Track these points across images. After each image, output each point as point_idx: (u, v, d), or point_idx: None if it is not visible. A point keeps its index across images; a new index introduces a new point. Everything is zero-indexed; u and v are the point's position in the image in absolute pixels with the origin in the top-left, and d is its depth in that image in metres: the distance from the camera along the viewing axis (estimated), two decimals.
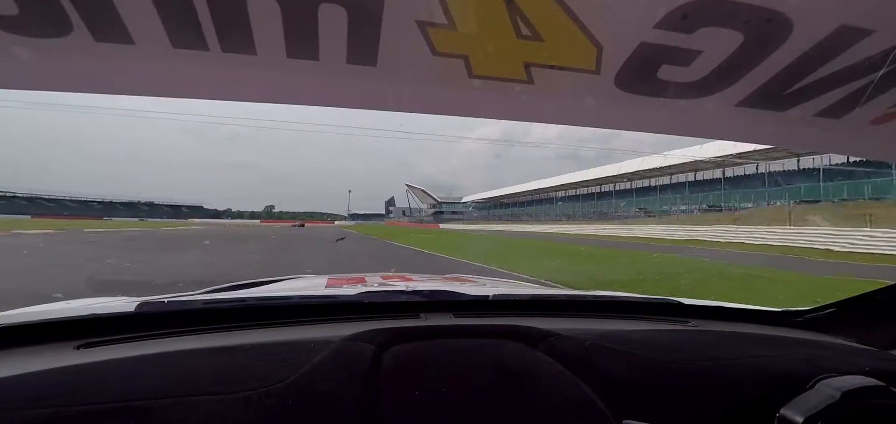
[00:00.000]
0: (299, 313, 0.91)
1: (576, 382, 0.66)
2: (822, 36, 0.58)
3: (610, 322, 1.03)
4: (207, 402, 0.53)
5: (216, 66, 0.62)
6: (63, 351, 0.68)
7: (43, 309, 0.82)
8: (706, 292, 6.54)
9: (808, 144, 0.91)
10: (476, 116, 0.79)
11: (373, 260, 11.72)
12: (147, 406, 0.52)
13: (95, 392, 0.53)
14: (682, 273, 9.22)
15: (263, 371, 0.60)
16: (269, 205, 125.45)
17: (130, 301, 0.82)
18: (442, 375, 0.66)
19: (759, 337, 0.95)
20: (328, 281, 1.52)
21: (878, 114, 0.73)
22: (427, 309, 0.97)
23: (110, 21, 0.52)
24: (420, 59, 0.62)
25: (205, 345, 0.71)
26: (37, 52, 0.55)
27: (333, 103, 0.73)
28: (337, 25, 0.57)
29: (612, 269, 10.58)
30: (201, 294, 1.08)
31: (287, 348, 0.69)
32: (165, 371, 0.60)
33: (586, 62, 0.64)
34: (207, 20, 0.54)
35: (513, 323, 0.85)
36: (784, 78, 0.66)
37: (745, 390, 0.68)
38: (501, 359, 0.71)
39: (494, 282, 1.71)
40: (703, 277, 8.69)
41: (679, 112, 0.77)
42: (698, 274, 9.05)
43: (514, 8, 0.56)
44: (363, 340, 0.71)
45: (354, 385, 0.60)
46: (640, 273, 9.53)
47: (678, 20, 0.57)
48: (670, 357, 0.75)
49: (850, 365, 0.70)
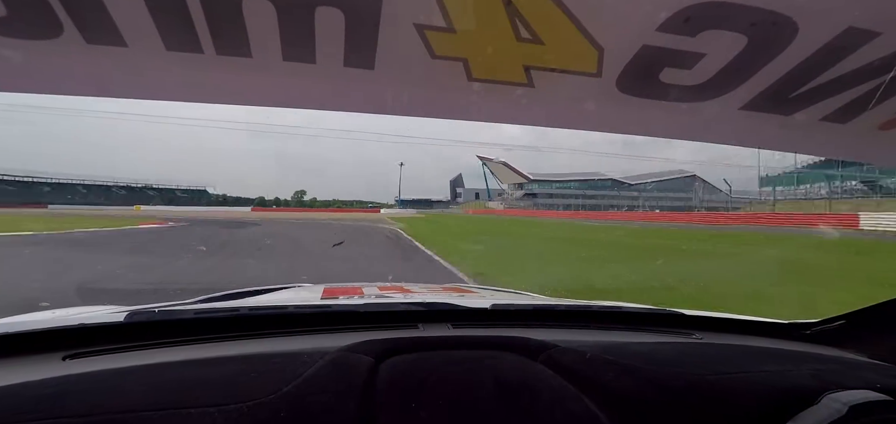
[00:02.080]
0: (294, 323, 0.89)
1: (577, 395, 0.64)
2: (829, 38, 0.57)
3: (611, 333, 1.01)
4: (198, 415, 0.52)
5: (211, 69, 0.61)
6: (49, 362, 0.66)
7: (29, 318, 0.81)
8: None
9: (814, 149, 0.90)
10: (475, 120, 0.79)
11: None
12: (136, 418, 0.50)
13: (82, 405, 0.52)
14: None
15: (256, 383, 0.58)
16: (300, 191, 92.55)
17: (119, 310, 0.81)
18: (440, 387, 0.64)
19: (766, 351, 0.93)
20: (324, 290, 1.50)
21: (886, 118, 0.71)
22: (425, 320, 0.96)
23: (102, 22, 0.51)
24: (419, 62, 0.61)
25: (196, 356, 0.69)
26: (26, 54, 0.55)
27: (331, 107, 0.73)
28: (334, 28, 0.56)
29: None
30: (193, 303, 1.06)
31: (281, 359, 0.67)
32: (155, 383, 0.58)
33: (587, 65, 0.63)
34: (202, 22, 0.53)
35: (512, 335, 0.83)
36: (789, 81, 0.65)
37: (750, 405, 0.66)
38: (500, 371, 0.69)
39: (493, 293, 1.69)
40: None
41: (682, 115, 0.76)
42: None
43: (514, 10, 0.55)
44: (359, 351, 0.70)
45: (350, 397, 0.58)
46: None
47: (681, 23, 0.56)
48: (674, 371, 0.73)
49: (858, 380, 0.68)
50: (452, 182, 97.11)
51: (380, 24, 0.55)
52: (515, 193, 78.91)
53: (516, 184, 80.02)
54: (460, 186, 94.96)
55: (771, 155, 33.84)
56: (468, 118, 0.78)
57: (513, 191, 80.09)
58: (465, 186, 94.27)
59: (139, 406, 0.52)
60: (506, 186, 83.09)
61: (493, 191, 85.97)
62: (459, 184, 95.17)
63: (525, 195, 76.59)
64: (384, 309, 1.01)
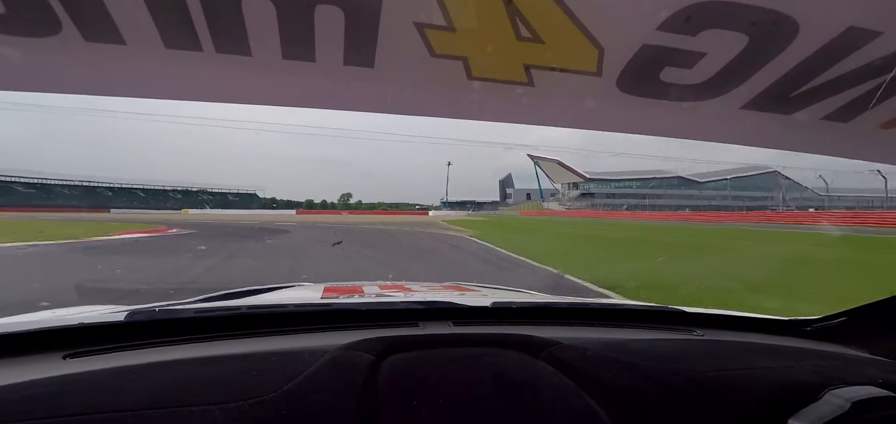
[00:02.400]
0: (294, 321, 0.89)
1: (578, 392, 0.64)
2: (830, 38, 0.57)
3: (612, 331, 1.01)
4: (199, 413, 0.51)
5: (210, 68, 0.61)
6: (50, 361, 0.66)
7: (29, 318, 0.81)
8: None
9: (815, 148, 0.89)
10: (475, 119, 0.78)
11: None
12: (137, 417, 0.50)
13: (83, 404, 0.52)
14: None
15: (257, 382, 0.58)
16: (346, 193, 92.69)
17: (119, 309, 0.81)
18: (441, 385, 0.64)
19: (767, 348, 0.93)
20: (325, 289, 1.50)
21: (887, 117, 0.71)
22: (426, 318, 0.96)
23: (101, 20, 0.51)
24: (419, 60, 0.61)
25: (196, 355, 0.69)
26: (25, 52, 0.54)
27: (330, 106, 0.72)
28: (334, 27, 0.56)
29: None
30: (193, 302, 1.06)
31: (281, 357, 0.67)
32: (155, 382, 0.58)
33: (587, 64, 0.63)
34: (201, 20, 0.53)
35: (513, 332, 0.83)
36: (790, 80, 0.65)
37: (751, 401, 0.65)
38: (501, 369, 0.69)
39: (494, 291, 1.69)
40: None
41: (682, 115, 0.76)
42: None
43: (514, 9, 0.55)
44: (360, 349, 0.70)
45: (351, 395, 0.58)
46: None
47: (681, 22, 0.56)
48: (675, 367, 0.73)
49: (860, 376, 0.68)
50: (501, 182, 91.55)
51: (379, 23, 0.55)
52: (570, 193, 74.53)
53: (571, 183, 75.09)
54: (510, 187, 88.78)
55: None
56: (468, 117, 0.77)
57: (568, 191, 75.53)
58: (514, 186, 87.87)
59: (140, 404, 0.52)
60: (559, 186, 78.56)
61: (546, 192, 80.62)
62: (509, 185, 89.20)
63: (581, 195, 72.40)
64: (385, 308, 1.01)
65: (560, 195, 77.41)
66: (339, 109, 0.73)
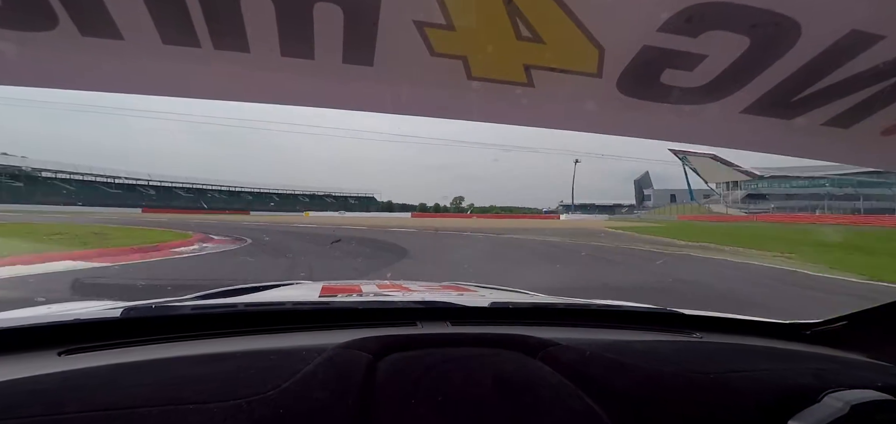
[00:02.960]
0: (291, 320, 0.89)
1: (577, 393, 0.64)
2: (832, 41, 0.56)
3: (611, 332, 1.01)
4: (195, 411, 0.51)
5: (208, 64, 0.60)
6: (45, 358, 0.66)
7: (24, 313, 0.80)
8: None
9: (815, 154, 0.89)
10: (475, 119, 0.78)
11: None
12: (132, 415, 0.50)
13: (79, 401, 0.51)
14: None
15: (253, 380, 0.58)
16: (458, 197, 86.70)
17: (116, 306, 0.80)
18: (438, 385, 0.64)
19: (766, 351, 0.93)
20: (323, 288, 1.49)
21: (888, 124, 0.71)
22: (424, 318, 0.95)
23: (97, 15, 0.51)
24: (418, 59, 0.61)
25: (193, 353, 0.69)
26: (20, 46, 0.54)
27: (329, 104, 0.72)
28: (332, 24, 0.55)
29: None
30: (190, 299, 1.06)
31: (278, 356, 0.67)
32: (152, 379, 0.58)
33: (588, 65, 0.63)
34: (199, 16, 0.53)
35: (511, 332, 0.83)
36: (791, 84, 0.65)
37: (750, 403, 0.65)
38: (500, 369, 0.69)
39: (492, 291, 1.69)
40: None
41: (683, 118, 0.75)
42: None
43: (514, 9, 0.54)
44: (358, 348, 0.69)
45: (348, 394, 0.58)
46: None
47: (682, 23, 0.56)
48: (673, 369, 0.73)
49: (859, 379, 0.68)
50: (637, 182, 79.15)
51: (379, 21, 0.55)
52: (732, 194, 62.51)
53: (731, 182, 63.51)
54: (648, 187, 76.82)
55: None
56: (468, 118, 0.77)
57: (728, 192, 63.45)
58: (653, 187, 76.23)
59: (136, 402, 0.52)
60: (713, 185, 66.81)
61: (696, 192, 68.49)
62: (646, 185, 77.11)
63: (748, 196, 60.21)
64: (383, 307, 1.00)
65: (717, 196, 65.66)
66: (338, 108, 0.73)
